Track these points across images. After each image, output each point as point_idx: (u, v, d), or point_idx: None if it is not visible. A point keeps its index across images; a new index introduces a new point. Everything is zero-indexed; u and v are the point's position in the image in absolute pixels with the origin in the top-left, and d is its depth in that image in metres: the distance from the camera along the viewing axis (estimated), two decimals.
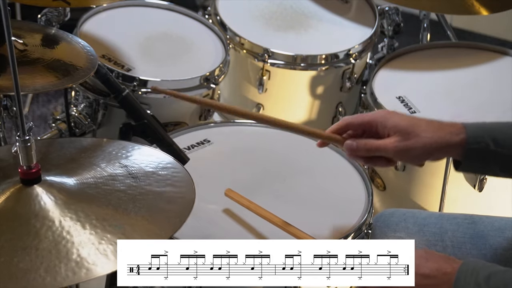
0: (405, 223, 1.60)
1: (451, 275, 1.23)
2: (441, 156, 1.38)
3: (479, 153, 1.32)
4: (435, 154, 1.35)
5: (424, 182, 1.98)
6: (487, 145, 1.32)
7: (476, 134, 1.33)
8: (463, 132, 1.33)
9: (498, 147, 1.32)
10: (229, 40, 2.15)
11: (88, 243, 1.13)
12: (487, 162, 1.34)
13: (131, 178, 1.28)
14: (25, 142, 1.19)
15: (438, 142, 1.33)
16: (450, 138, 1.33)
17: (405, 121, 1.35)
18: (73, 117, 1.97)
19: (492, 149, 1.32)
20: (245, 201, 1.53)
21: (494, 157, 1.32)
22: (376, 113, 1.39)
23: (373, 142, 1.36)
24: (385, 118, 1.36)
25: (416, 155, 1.34)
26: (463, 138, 1.32)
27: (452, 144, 1.33)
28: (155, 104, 1.94)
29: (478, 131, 1.33)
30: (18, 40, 1.57)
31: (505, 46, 2.24)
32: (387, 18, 2.31)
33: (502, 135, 1.33)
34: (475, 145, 1.32)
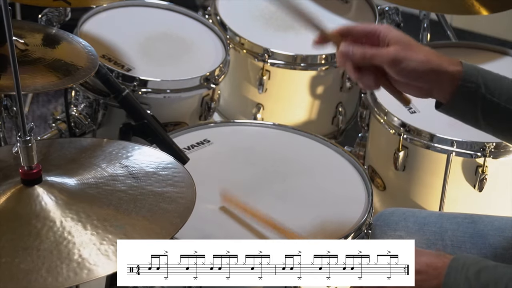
0: (405, 222, 1.60)
1: (442, 269, 1.23)
2: (432, 84, 1.33)
3: (469, 93, 1.31)
4: (427, 76, 1.31)
5: (424, 182, 1.98)
6: (478, 87, 1.31)
7: (471, 72, 1.31)
8: (459, 65, 1.32)
9: (488, 92, 1.31)
10: (229, 40, 2.15)
11: (89, 244, 1.13)
12: (474, 104, 1.32)
13: (132, 178, 1.28)
14: (26, 143, 1.19)
15: (435, 64, 1.31)
16: (447, 66, 1.31)
17: (407, 37, 1.33)
18: (73, 117, 1.97)
19: (481, 92, 1.30)
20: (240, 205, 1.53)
21: (481, 102, 1.31)
22: (380, 25, 1.37)
23: (370, 49, 1.33)
24: (388, 29, 1.34)
25: (410, 69, 1.31)
26: (459, 70, 1.31)
27: (447, 72, 1.31)
28: (155, 104, 1.94)
29: (473, 71, 1.32)
30: (19, 40, 1.57)
31: (505, 46, 2.24)
32: (387, 18, 2.31)
33: (493, 82, 1.32)
34: (467, 83, 1.30)
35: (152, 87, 1.93)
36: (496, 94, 1.31)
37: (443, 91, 1.33)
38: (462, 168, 1.92)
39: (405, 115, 1.96)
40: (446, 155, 1.90)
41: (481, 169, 1.89)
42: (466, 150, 1.88)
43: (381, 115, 1.99)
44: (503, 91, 1.31)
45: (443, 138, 1.89)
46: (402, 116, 1.95)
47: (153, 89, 1.93)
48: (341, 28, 1.38)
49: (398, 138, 1.94)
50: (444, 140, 1.89)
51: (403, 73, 1.32)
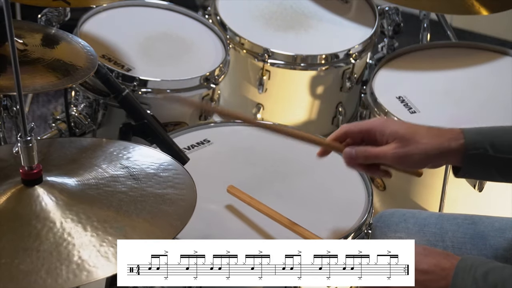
0: (405, 223, 1.60)
1: (450, 270, 1.23)
2: (440, 163, 1.38)
3: (478, 159, 1.33)
4: (434, 161, 1.35)
5: (424, 182, 1.98)
6: (485, 151, 1.32)
7: (475, 139, 1.33)
8: (461, 138, 1.33)
9: (496, 152, 1.32)
10: (229, 40, 2.15)
11: (89, 245, 1.13)
12: (486, 167, 1.34)
13: (133, 179, 1.28)
14: (27, 143, 1.19)
15: (437, 148, 1.33)
16: (449, 144, 1.33)
17: (403, 128, 1.35)
18: (73, 117, 1.97)
19: (490, 154, 1.32)
20: (246, 198, 1.53)
21: (493, 162, 1.33)
22: (374, 121, 1.39)
23: (372, 149, 1.36)
24: (383, 126, 1.36)
25: (415, 162, 1.34)
26: (462, 144, 1.32)
27: (451, 150, 1.33)
28: (155, 104, 1.94)
29: (476, 136, 1.33)
30: (18, 40, 1.57)
31: (505, 46, 2.24)
32: (387, 18, 2.31)
33: (500, 140, 1.33)
34: (474, 150, 1.32)
35: (152, 87, 1.93)
36: (505, 150, 1.33)
37: (453, 162, 1.36)
38: None
39: (405, 115, 1.96)
40: None
41: None
42: None
43: (381, 115, 1.99)
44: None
45: None
46: (402, 116, 1.95)
47: (153, 89, 1.93)
48: (337, 133, 1.41)
49: None
50: None
51: (409, 166, 1.38)
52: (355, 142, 1.40)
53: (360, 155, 1.37)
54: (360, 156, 1.37)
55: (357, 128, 1.39)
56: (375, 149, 1.36)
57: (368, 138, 1.38)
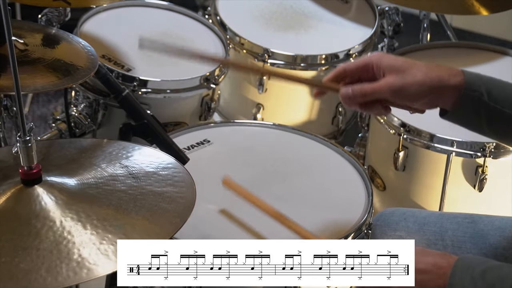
0: (405, 222, 1.60)
1: (447, 269, 1.23)
2: (437, 100, 1.33)
3: (472, 102, 1.31)
4: (431, 95, 1.32)
5: (424, 182, 1.98)
6: (481, 95, 1.30)
7: (473, 81, 1.31)
8: (461, 75, 1.31)
9: (491, 100, 1.30)
10: (229, 40, 2.15)
11: (89, 243, 1.13)
12: (477, 112, 1.32)
13: (132, 178, 1.28)
14: (26, 143, 1.19)
15: (435, 80, 1.30)
16: (448, 78, 1.31)
17: (400, 60, 1.33)
18: (73, 117, 1.97)
19: (485, 100, 1.30)
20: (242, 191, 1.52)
21: (485, 109, 1.31)
22: (371, 56, 1.36)
23: (368, 85, 1.33)
24: (380, 59, 1.34)
25: (413, 94, 1.31)
26: (461, 81, 1.30)
27: (449, 85, 1.31)
28: (155, 104, 1.94)
29: (475, 79, 1.31)
30: (19, 40, 1.57)
31: (505, 46, 2.24)
32: (387, 18, 2.31)
33: (496, 90, 1.31)
34: (470, 91, 1.30)
35: (152, 87, 1.93)
36: (500, 101, 1.31)
37: (447, 101, 1.33)
38: (462, 168, 1.92)
39: (405, 115, 1.95)
40: (446, 155, 1.90)
41: (481, 169, 1.89)
42: (466, 150, 1.88)
43: None
44: (507, 98, 1.31)
45: (443, 138, 1.89)
46: (402, 116, 1.95)
47: (153, 89, 1.93)
48: (334, 73, 1.39)
49: (398, 138, 1.94)
50: (444, 140, 1.89)
51: (406, 99, 1.34)
52: (353, 80, 1.37)
53: (357, 93, 1.34)
54: (357, 93, 1.34)
55: (354, 65, 1.37)
56: (371, 84, 1.33)
57: (365, 75, 1.36)
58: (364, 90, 1.34)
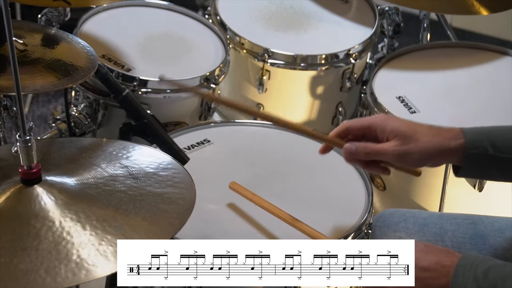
0: (405, 223, 1.60)
1: (450, 268, 1.23)
2: (440, 162, 1.38)
3: (478, 158, 1.33)
4: (434, 159, 1.35)
5: (424, 182, 1.98)
6: (485, 150, 1.32)
7: (475, 138, 1.33)
8: (461, 137, 1.33)
9: (496, 151, 1.32)
10: (229, 40, 2.15)
11: (88, 244, 1.13)
12: (486, 166, 1.34)
13: (132, 178, 1.28)
14: (26, 142, 1.19)
15: (437, 147, 1.33)
16: (449, 143, 1.33)
17: (404, 125, 1.35)
18: (73, 117, 1.97)
19: (490, 154, 1.32)
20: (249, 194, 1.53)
21: (493, 161, 1.33)
22: (375, 117, 1.39)
23: (373, 146, 1.36)
24: (384, 122, 1.36)
25: (415, 160, 1.34)
26: (462, 143, 1.32)
27: (451, 149, 1.33)
28: (155, 104, 1.94)
29: (476, 135, 1.33)
30: (18, 40, 1.57)
31: (505, 46, 2.24)
32: (387, 18, 2.31)
33: (501, 139, 1.33)
34: (474, 150, 1.32)
35: (152, 87, 1.93)
36: (506, 149, 1.33)
37: (453, 162, 1.37)
38: None
39: (405, 115, 1.96)
40: None
41: None
42: None
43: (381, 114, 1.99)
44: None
45: None
46: (402, 116, 1.94)
47: (153, 89, 1.93)
48: (338, 130, 1.41)
49: None
50: None
51: (409, 164, 1.37)
52: (356, 138, 1.40)
53: (360, 151, 1.37)
54: (360, 152, 1.37)
55: (358, 124, 1.39)
56: (376, 146, 1.36)
57: (369, 135, 1.38)
58: (368, 149, 1.36)
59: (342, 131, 1.41)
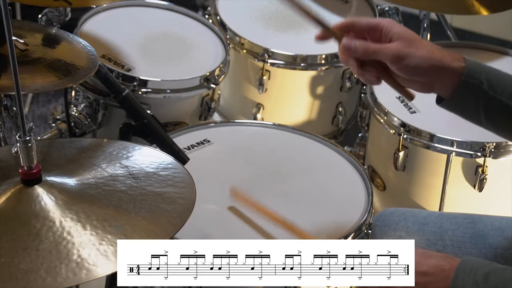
0: (405, 222, 1.60)
1: (450, 272, 1.23)
2: (434, 81, 1.32)
3: (472, 89, 1.30)
4: (429, 74, 1.31)
5: (424, 182, 1.98)
6: (480, 83, 1.30)
7: (474, 68, 1.30)
8: (463, 61, 1.31)
9: (490, 88, 1.30)
10: (229, 40, 2.15)
11: (88, 244, 1.13)
12: (476, 101, 1.31)
13: (132, 178, 1.28)
14: (26, 143, 1.19)
15: (438, 60, 1.30)
16: (450, 61, 1.30)
17: (411, 32, 1.32)
18: (73, 117, 1.97)
19: (484, 88, 1.29)
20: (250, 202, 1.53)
21: (483, 97, 1.30)
22: (382, 19, 1.36)
23: (373, 44, 1.32)
24: (391, 24, 1.33)
25: (413, 66, 1.30)
26: (463, 67, 1.30)
27: (450, 68, 1.30)
28: (155, 104, 1.94)
29: (476, 66, 1.31)
30: (19, 39, 1.57)
31: (505, 46, 2.24)
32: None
33: (496, 79, 1.31)
34: (470, 78, 1.29)
35: (152, 87, 1.93)
36: (499, 90, 1.30)
37: (445, 86, 1.32)
38: (462, 168, 1.92)
39: (405, 115, 1.96)
40: (446, 155, 1.90)
41: (481, 169, 1.89)
42: (466, 150, 1.88)
43: (381, 115, 1.99)
44: (506, 88, 1.31)
45: (443, 138, 1.89)
46: (402, 116, 1.95)
47: (153, 89, 1.93)
48: (343, 22, 1.37)
49: (398, 138, 1.94)
50: (444, 140, 1.89)
51: (405, 69, 1.32)
52: (357, 37, 1.35)
53: (359, 47, 1.32)
54: (359, 48, 1.32)
55: (364, 22, 1.35)
56: (376, 44, 1.32)
57: (372, 36, 1.34)
58: (367, 46, 1.32)
59: (346, 25, 1.36)
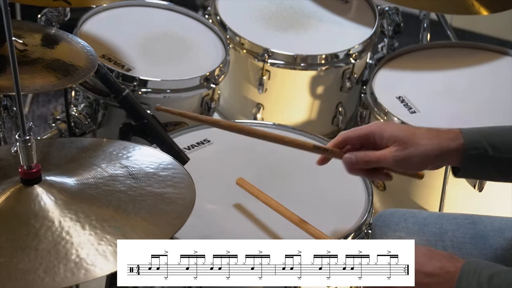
0: (405, 223, 1.60)
1: (454, 274, 1.23)
2: (440, 164, 1.38)
3: (477, 159, 1.33)
4: (434, 162, 1.35)
5: (424, 182, 1.97)
6: (485, 150, 1.32)
7: (474, 139, 1.33)
8: (460, 137, 1.33)
9: (496, 152, 1.32)
10: (229, 40, 2.15)
11: (87, 244, 1.13)
12: (486, 167, 1.34)
13: (132, 178, 1.28)
14: (26, 142, 1.19)
15: (437, 149, 1.33)
16: (448, 144, 1.33)
17: (402, 130, 1.35)
18: (73, 117, 1.97)
19: (490, 154, 1.32)
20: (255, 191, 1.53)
21: (493, 162, 1.33)
22: (372, 125, 1.39)
23: (372, 154, 1.36)
24: (382, 129, 1.36)
25: (416, 164, 1.34)
26: (461, 144, 1.32)
27: (450, 150, 1.33)
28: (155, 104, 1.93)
29: (475, 136, 1.33)
30: (18, 40, 1.57)
31: (505, 46, 2.24)
32: (387, 18, 2.31)
33: (500, 140, 1.33)
34: (473, 150, 1.32)
35: (152, 87, 1.93)
36: (505, 150, 1.33)
37: (452, 162, 1.36)
38: None
39: (405, 115, 1.96)
40: None
41: None
42: None
43: (381, 115, 1.99)
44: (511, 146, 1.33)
45: None
46: (402, 116, 1.95)
47: (153, 89, 1.93)
48: (336, 140, 1.41)
49: None
50: None
51: (409, 168, 1.38)
52: (354, 148, 1.39)
53: (360, 160, 1.37)
54: (360, 161, 1.37)
55: (355, 134, 1.39)
56: (375, 153, 1.36)
57: (367, 143, 1.38)
58: (368, 158, 1.36)
59: (339, 142, 1.40)
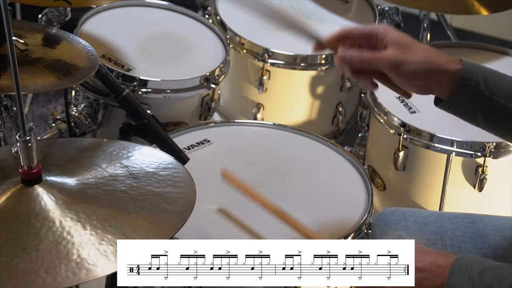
0: (405, 222, 1.60)
1: (445, 268, 1.23)
2: (432, 84, 1.33)
3: (468, 90, 1.30)
4: (427, 78, 1.32)
5: (424, 182, 1.98)
6: (478, 84, 1.30)
7: (471, 70, 1.31)
8: (459, 63, 1.31)
9: (487, 89, 1.30)
10: (229, 40, 2.15)
11: (88, 244, 1.13)
12: (473, 102, 1.31)
13: (132, 178, 1.28)
14: (26, 142, 1.19)
15: (434, 64, 1.31)
16: (447, 64, 1.31)
17: (406, 38, 1.33)
18: (73, 117, 1.97)
19: (481, 90, 1.30)
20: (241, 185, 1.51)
21: (481, 98, 1.31)
22: (377, 26, 1.36)
23: (368, 53, 1.33)
24: (385, 31, 1.33)
25: (410, 72, 1.31)
26: (459, 69, 1.30)
27: (447, 71, 1.31)
28: (155, 104, 1.94)
29: (473, 68, 1.31)
30: (19, 40, 1.57)
31: (505, 46, 2.24)
32: (387, 18, 2.31)
33: (493, 80, 1.31)
34: (467, 80, 1.30)
35: (152, 87, 1.93)
36: (496, 91, 1.31)
37: (443, 88, 1.33)
38: (462, 168, 1.92)
39: (405, 115, 1.96)
40: (446, 155, 1.90)
41: (481, 169, 1.89)
42: (466, 150, 1.88)
43: (381, 115, 1.99)
44: (503, 89, 1.31)
45: (443, 138, 1.89)
46: (402, 116, 1.95)
47: (153, 89, 1.93)
48: (338, 32, 1.38)
49: (398, 138, 1.94)
50: (444, 140, 1.89)
51: (402, 75, 1.33)
52: (353, 45, 1.36)
53: (355, 58, 1.34)
54: (355, 58, 1.34)
55: (358, 30, 1.36)
56: (372, 53, 1.33)
57: (367, 43, 1.35)
58: (363, 57, 1.33)
59: (341, 36, 1.37)
